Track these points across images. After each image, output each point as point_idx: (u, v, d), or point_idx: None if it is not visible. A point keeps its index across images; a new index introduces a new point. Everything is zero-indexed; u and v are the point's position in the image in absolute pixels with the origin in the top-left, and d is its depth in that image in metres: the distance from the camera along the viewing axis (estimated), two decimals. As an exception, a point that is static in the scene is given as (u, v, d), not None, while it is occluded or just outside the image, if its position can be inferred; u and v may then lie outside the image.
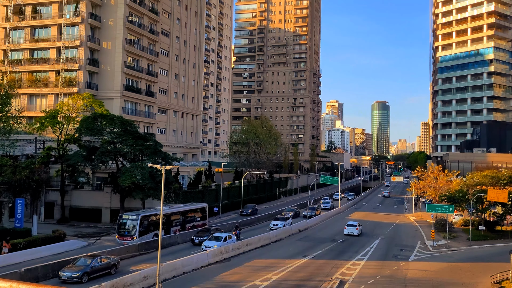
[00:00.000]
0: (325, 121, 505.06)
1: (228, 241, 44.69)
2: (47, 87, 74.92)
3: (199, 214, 56.59)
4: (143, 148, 56.45)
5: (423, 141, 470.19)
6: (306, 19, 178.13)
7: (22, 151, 66.47)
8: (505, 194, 51.68)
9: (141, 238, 44.93)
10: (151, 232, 46.94)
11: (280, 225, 58.76)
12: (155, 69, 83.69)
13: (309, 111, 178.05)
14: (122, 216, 46.76)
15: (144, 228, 46.10)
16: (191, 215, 54.77)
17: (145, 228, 46.28)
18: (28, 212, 53.13)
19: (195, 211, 56.08)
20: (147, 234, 46.32)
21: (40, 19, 76.72)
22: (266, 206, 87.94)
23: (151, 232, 47.00)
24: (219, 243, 43.29)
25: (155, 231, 47.18)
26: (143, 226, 45.96)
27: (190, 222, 54.27)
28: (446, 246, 52.24)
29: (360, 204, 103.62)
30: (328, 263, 41.05)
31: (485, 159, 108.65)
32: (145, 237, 45.45)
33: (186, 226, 53.17)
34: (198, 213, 56.53)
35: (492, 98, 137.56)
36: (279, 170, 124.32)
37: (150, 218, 47.51)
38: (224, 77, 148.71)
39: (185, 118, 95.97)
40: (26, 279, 29.75)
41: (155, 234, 46.80)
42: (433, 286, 34.61)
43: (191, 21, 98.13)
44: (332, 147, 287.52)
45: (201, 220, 56.53)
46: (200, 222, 55.88)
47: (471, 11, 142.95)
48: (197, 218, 55.91)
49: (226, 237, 45.14)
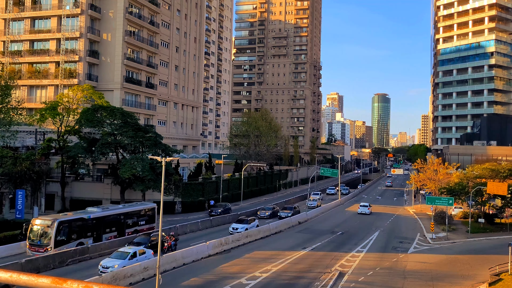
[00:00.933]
0: (326, 113, 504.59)
1: (133, 261, 32.73)
2: (47, 78, 74.77)
3: (145, 217, 48.29)
4: (144, 140, 56.48)
5: (424, 134, 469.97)
6: (307, 11, 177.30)
7: (22, 143, 66.54)
8: (504, 187, 51.75)
9: (59, 249, 36.14)
10: (73, 240, 38.51)
11: (242, 229, 49.35)
12: (155, 60, 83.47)
13: (310, 103, 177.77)
14: (34, 220, 38.10)
15: (64, 236, 37.77)
16: (133, 218, 46.42)
17: (65, 236, 37.91)
18: (28, 203, 53.32)
19: (139, 214, 47.67)
20: (69, 243, 37.80)
21: (40, 10, 76.40)
22: (266, 198, 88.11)
23: (74, 240, 38.61)
24: (120, 261, 32.38)
25: (80, 239, 39.16)
26: (62, 234, 37.63)
27: (132, 227, 45.93)
28: (445, 238, 52.43)
29: (360, 196, 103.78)
30: (328, 255, 41.22)
31: (485, 152, 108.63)
32: (65, 247, 36.63)
33: (125, 231, 44.72)
34: (144, 215, 48.16)
35: (492, 91, 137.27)
36: (279, 163, 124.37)
37: (72, 224, 39.16)
38: (224, 69, 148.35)
39: (185, 110, 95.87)
40: (27, 270, 29.91)
41: (80, 243, 38.70)
42: (432, 278, 34.76)
43: (191, 13, 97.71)
44: (332, 139, 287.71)
45: (147, 223, 48.18)
46: (145, 226, 47.56)
47: (473, 3, 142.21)
48: (142, 221, 47.49)
49: (136, 252, 33.97)
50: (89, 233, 40.53)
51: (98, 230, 41.61)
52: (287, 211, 63.95)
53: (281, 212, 63.77)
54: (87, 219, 40.25)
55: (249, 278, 32.19)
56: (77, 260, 35.61)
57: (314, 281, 32.54)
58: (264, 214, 62.93)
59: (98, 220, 41.60)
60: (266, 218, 61.59)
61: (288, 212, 63.59)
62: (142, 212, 48.11)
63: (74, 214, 40.80)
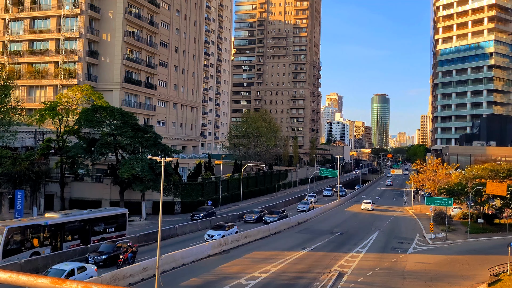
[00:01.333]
0: (325, 113, 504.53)
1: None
2: (47, 78, 74.74)
3: (115, 223, 44.16)
4: (143, 140, 56.45)
5: (423, 134, 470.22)
6: (306, 11, 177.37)
7: (21, 143, 66.51)
8: (504, 187, 51.77)
9: (8, 260, 32.78)
10: (27, 250, 34.96)
11: (218, 236, 44.39)
12: (154, 61, 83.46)
13: (309, 103, 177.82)
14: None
15: (15, 245, 34.30)
16: (99, 225, 42.46)
17: (17, 245, 34.48)
18: (28, 203, 53.29)
19: (107, 220, 43.45)
20: (21, 252, 34.34)
21: (39, 10, 76.38)
22: (266, 199, 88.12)
23: (28, 250, 35.03)
24: None
25: (36, 249, 35.57)
26: (13, 242, 34.19)
27: (99, 234, 42.00)
28: (444, 238, 52.43)
29: (360, 196, 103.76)
30: (327, 255, 41.22)
31: (484, 152, 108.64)
32: (16, 257, 33.32)
33: (90, 239, 40.84)
34: (113, 222, 44.04)
35: (492, 91, 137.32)
36: (279, 163, 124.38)
37: (26, 231, 35.45)
38: (224, 70, 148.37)
39: (185, 111, 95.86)
40: (26, 270, 29.87)
41: (35, 253, 35.22)
42: (432, 278, 34.77)
43: (191, 13, 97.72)
44: (332, 139, 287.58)
45: (117, 230, 44.08)
46: (114, 234, 43.45)
47: (472, 4, 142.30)
48: (110, 228, 43.42)
49: (74, 269, 29.13)
50: (46, 241, 36.86)
51: (57, 238, 37.90)
52: (273, 216, 58.65)
53: (267, 217, 58.68)
54: (45, 226, 36.52)
55: (248, 279, 32.18)
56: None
57: (313, 281, 32.53)
58: (250, 218, 58.97)
59: (57, 227, 37.82)
60: (253, 222, 57.72)
61: (274, 216, 58.38)
62: (110, 219, 43.97)
63: (29, 220, 37.43)
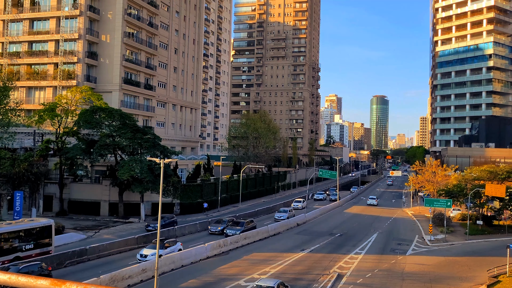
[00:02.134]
0: (324, 115, 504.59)
1: None
2: (46, 80, 74.69)
3: (34, 239, 36.42)
4: (142, 141, 56.43)
5: (422, 136, 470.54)
6: (305, 13, 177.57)
7: (20, 144, 66.47)
8: (502, 189, 51.82)
9: None
10: None
11: (152, 255, 34.68)
12: (154, 62, 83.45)
13: (308, 105, 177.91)
14: None
15: None
16: (11, 242, 34.73)
17: None
18: (27, 204, 53.23)
19: (21, 235, 35.49)
20: None
21: (39, 11, 76.33)
22: (265, 200, 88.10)
23: None
24: None
25: None
26: None
27: (13, 252, 34.39)
28: (443, 240, 52.45)
29: (359, 198, 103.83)
30: (326, 257, 41.22)
31: (483, 154, 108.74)
32: None
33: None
34: (31, 237, 36.20)
35: (491, 93, 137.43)
36: (278, 164, 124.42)
37: None
38: (223, 71, 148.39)
39: (184, 112, 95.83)
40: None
41: None
42: (431, 280, 34.79)
43: (190, 14, 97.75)
44: (331, 141, 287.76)
45: (38, 247, 36.37)
46: (34, 251, 35.82)
47: (471, 6, 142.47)
48: (28, 245, 35.67)
49: None
50: None
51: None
52: (237, 227, 49.31)
53: (228, 229, 49.11)
54: None
55: (247, 280, 32.17)
56: None
57: (312, 283, 32.54)
58: (215, 229, 50.36)
59: None
60: (218, 233, 49.60)
61: (238, 228, 49.00)
62: (25, 233, 35.85)
63: None
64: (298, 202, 77.23)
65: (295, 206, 75.14)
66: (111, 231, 49.41)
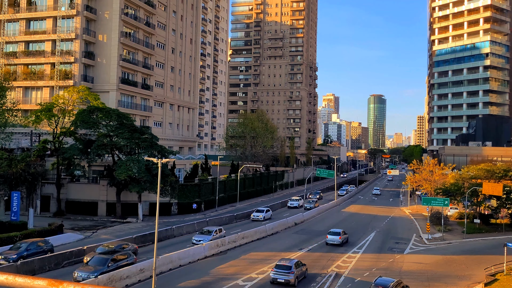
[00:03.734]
0: (322, 114, 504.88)
1: None
2: (43, 80, 74.50)
3: None
4: (139, 141, 56.37)
5: (419, 135, 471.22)
6: (302, 12, 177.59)
7: (17, 144, 66.28)
8: (500, 187, 51.96)
9: None
10: None
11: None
12: (151, 62, 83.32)
13: (306, 104, 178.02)
14: None
15: None
16: None
17: None
18: (24, 205, 53.06)
19: None
20: None
21: (35, 11, 76.11)
22: (263, 199, 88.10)
23: None
24: None
25: None
26: None
27: None
28: (441, 239, 52.57)
29: (356, 197, 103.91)
30: (324, 256, 41.25)
31: (480, 152, 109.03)
32: None
33: None
34: None
35: (488, 92, 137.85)
36: (276, 164, 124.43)
37: None
38: (220, 70, 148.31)
39: (181, 112, 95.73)
40: (22, 272, 29.77)
41: None
42: (428, 278, 34.86)
43: (187, 14, 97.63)
44: (329, 140, 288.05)
45: None
46: None
47: (468, 5, 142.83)
48: None
49: None
50: None
51: None
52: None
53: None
54: None
55: (245, 280, 32.16)
56: None
57: (310, 282, 32.56)
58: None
59: None
60: None
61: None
62: None
63: None
64: (259, 212, 64.47)
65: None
66: (109, 231, 49.33)
